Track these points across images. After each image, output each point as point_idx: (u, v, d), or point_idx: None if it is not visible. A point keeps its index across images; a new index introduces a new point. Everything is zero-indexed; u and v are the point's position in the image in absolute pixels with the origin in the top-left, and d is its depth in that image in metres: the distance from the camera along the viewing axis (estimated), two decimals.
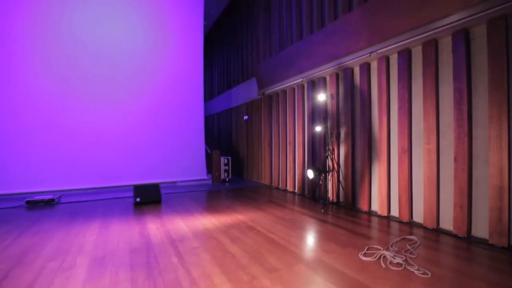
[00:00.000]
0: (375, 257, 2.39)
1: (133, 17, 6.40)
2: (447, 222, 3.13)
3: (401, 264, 2.24)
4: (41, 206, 4.57)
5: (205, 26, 9.34)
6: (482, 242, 2.76)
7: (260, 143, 7.32)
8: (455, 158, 3.02)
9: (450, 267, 2.25)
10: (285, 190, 6.02)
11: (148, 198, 4.68)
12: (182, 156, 6.88)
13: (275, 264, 2.30)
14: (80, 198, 5.18)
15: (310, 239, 2.98)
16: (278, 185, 6.45)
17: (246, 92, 8.01)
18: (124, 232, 3.17)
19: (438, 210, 3.21)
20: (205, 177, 7.25)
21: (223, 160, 7.38)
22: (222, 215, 3.92)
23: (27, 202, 4.63)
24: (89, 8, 5.90)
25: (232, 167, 8.22)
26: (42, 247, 2.70)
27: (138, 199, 4.58)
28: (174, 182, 6.80)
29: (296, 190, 5.74)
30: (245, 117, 8.04)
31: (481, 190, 2.85)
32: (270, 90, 6.49)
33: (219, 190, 6.21)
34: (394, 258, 2.32)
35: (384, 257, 2.38)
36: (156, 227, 3.38)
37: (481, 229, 2.85)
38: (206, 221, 3.61)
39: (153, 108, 6.58)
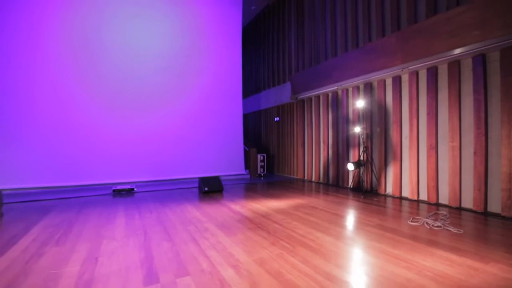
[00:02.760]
0: (420, 223, 3.33)
1: (172, 23, 7.33)
2: (468, 202, 4.05)
3: (440, 226, 3.18)
4: (124, 194, 5.54)
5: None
6: (496, 215, 3.69)
7: (292, 141, 8.26)
8: (474, 153, 3.94)
9: (474, 228, 3.18)
10: (319, 183, 6.96)
11: (213, 188, 5.64)
12: (225, 153, 7.83)
13: (350, 227, 3.25)
14: (148, 188, 6.13)
15: (365, 213, 3.92)
16: (312, 178, 7.39)
17: (277, 95, 8.95)
18: (217, 210, 4.12)
19: (460, 193, 4.14)
20: (244, 172, 8.21)
21: (259, 157, 8.33)
22: (283, 200, 4.87)
23: (114, 190, 5.60)
24: (130, 18, 6.85)
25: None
26: (171, 219, 3.66)
27: (206, 188, 5.54)
28: (219, 177, 7.75)
29: (330, 182, 6.68)
30: (276, 119, 8.98)
31: (494, 177, 3.78)
32: (303, 95, 7.42)
33: (261, 183, 7.17)
34: (434, 223, 3.26)
35: (427, 222, 3.32)
36: (239, 207, 4.33)
37: (495, 206, 3.78)
38: (275, 203, 4.56)
39: (199, 111, 7.50)
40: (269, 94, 9.51)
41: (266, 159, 8.91)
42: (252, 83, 10.98)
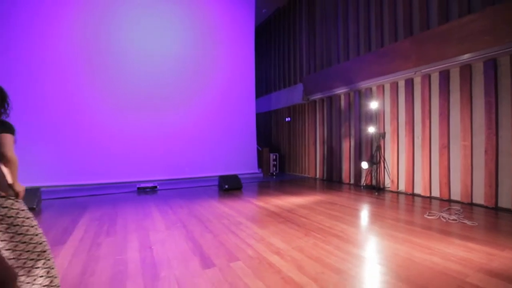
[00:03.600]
0: (436, 216, 3.59)
1: (186, 26, 7.61)
2: (479, 198, 4.30)
3: (456, 219, 3.43)
4: (148, 192, 5.83)
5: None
6: (506, 210, 3.94)
7: (303, 141, 8.52)
8: (485, 151, 4.19)
9: (487, 221, 3.44)
10: (331, 181, 7.21)
11: (233, 185, 5.91)
12: (239, 153, 8.10)
13: (371, 220, 3.51)
14: (170, 186, 6.41)
15: (382, 208, 4.17)
16: (323, 176, 7.65)
17: (288, 97, 9.21)
18: (243, 206, 4.39)
19: (472, 189, 4.39)
20: (257, 170, 8.49)
21: (272, 156, 8.60)
22: (302, 196, 5.14)
23: (138, 188, 5.89)
24: (147, 20, 7.13)
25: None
26: (203, 214, 3.94)
27: (226, 186, 5.81)
28: (237, 175, 8.02)
29: (343, 180, 6.93)
30: (287, 119, 9.24)
31: (505, 174, 4.02)
32: (315, 97, 7.68)
33: (275, 181, 7.44)
34: (450, 216, 3.51)
35: (442, 216, 3.58)
36: (263, 203, 4.60)
37: (505, 201, 4.02)
38: (296, 200, 4.83)
39: (214, 111, 7.77)
40: (279, 95, 9.77)
41: (278, 159, 9.18)
42: (262, 84, 11.23)
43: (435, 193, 4.93)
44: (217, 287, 1.89)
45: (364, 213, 3.92)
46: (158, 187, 6.09)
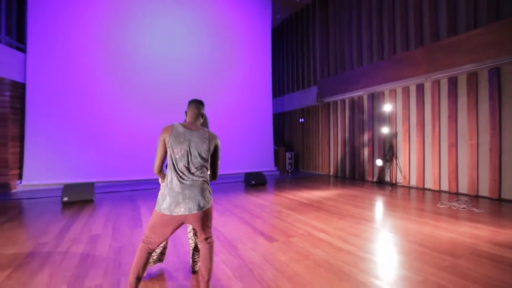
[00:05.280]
0: (448, 206, 4.15)
1: (206, 31, 8.18)
2: (484, 190, 4.86)
3: (465, 208, 4.00)
4: None
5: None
6: (509, 201, 4.50)
7: (317, 140, 9.08)
8: (490, 149, 4.75)
9: (492, 209, 4.00)
10: (345, 177, 7.78)
11: (258, 181, 6.48)
12: (258, 152, 8.68)
13: (392, 208, 4.08)
14: None
15: (399, 199, 4.73)
16: (338, 173, 8.21)
17: (301, 99, 9.77)
18: (275, 198, 4.96)
19: (477, 183, 4.95)
20: (274, 168, 9.05)
21: (287, 155, 9.17)
22: (323, 190, 5.70)
23: None
24: (170, 26, 7.70)
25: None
26: (243, 204, 4.50)
27: (253, 182, 6.38)
28: (262, 172, 8.60)
29: (356, 177, 7.50)
30: (301, 120, 9.80)
31: (508, 169, 4.58)
32: (329, 99, 8.24)
33: (292, 178, 8.00)
34: (460, 205, 4.08)
35: (453, 205, 4.14)
36: (292, 196, 5.17)
37: (508, 193, 4.58)
38: (319, 193, 5.40)
39: (234, 112, 8.33)
40: (292, 97, 10.34)
41: (294, 157, 9.75)
42: (275, 87, 11.79)
43: (444, 187, 5.49)
44: (286, 252, 2.46)
45: (384, 203, 4.48)
46: None
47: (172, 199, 1.63)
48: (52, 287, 1.92)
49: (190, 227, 2.16)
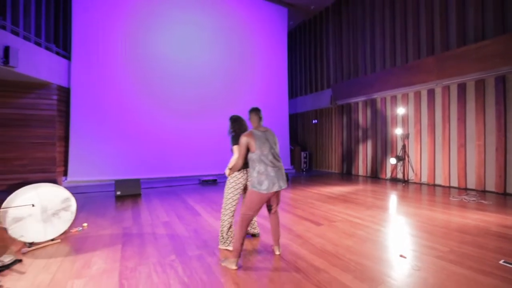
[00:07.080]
0: (459, 199, 4.71)
1: (231, 39, 8.73)
2: (490, 186, 5.42)
3: (475, 200, 4.56)
4: (210, 183, 6.96)
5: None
6: None
7: (330, 141, 9.64)
8: (496, 149, 5.31)
9: (499, 202, 4.56)
10: (358, 175, 8.34)
11: None
12: None
13: (410, 200, 4.64)
14: (225, 179, 7.52)
15: (414, 194, 5.28)
16: (351, 172, 8.77)
17: (314, 101, 10.33)
18: (302, 193, 5.51)
19: (484, 179, 5.51)
20: (289, 167, 9.61)
21: (303, 154, 9.73)
22: (343, 186, 6.26)
23: (202, 181, 7.03)
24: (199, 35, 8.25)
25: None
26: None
27: None
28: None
29: (369, 175, 8.06)
30: (314, 121, 10.36)
31: None
32: (343, 102, 8.79)
33: (309, 176, 8.56)
34: (470, 198, 4.64)
35: (464, 198, 4.70)
36: (316, 190, 5.72)
37: None
38: (340, 188, 5.95)
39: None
40: (305, 99, 10.89)
41: (308, 156, 10.31)
42: (288, 88, 12.32)
43: (454, 183, 6.05)
44: (335, 233, 3.02)
45: (401, 197, 5.04)
46: (217, 180, 7.23)
47: (269, 181, 2.23)
48: (164, 255, 2.47)
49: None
